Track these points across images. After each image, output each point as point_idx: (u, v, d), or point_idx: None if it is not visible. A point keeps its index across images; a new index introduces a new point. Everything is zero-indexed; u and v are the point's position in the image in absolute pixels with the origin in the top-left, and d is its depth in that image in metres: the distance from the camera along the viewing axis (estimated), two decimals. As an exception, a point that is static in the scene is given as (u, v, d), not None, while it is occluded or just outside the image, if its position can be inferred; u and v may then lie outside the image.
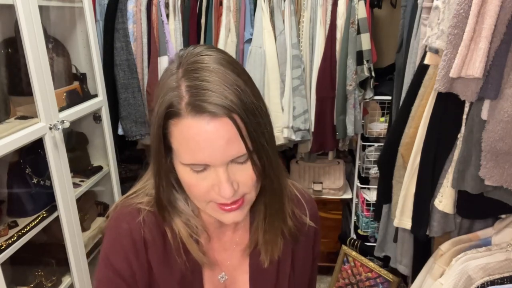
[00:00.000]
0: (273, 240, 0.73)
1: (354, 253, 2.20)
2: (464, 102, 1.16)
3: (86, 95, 1.89)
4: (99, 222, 1.99)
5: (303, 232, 0.77)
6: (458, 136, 1.20)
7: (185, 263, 0.70)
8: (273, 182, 0.67)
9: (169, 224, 0.70)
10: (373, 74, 2.08)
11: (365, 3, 2.01)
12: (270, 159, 0.63)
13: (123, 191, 1.93)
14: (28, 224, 1.47)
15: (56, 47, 1.80)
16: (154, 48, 2.11)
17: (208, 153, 0.58)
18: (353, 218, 2.44)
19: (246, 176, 0.62)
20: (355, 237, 2.34)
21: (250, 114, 0.59)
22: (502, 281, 1.08)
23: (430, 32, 1.23)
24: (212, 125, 0.58)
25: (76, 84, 1.87)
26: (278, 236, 0.73)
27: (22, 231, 1.43)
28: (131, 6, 2.10)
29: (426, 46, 1.29)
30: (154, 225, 0.70)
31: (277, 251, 0.73)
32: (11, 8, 1.34)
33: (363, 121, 2.20)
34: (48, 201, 1.58)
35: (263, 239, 0.72)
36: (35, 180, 1.58)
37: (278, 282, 0.75)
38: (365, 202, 2.28)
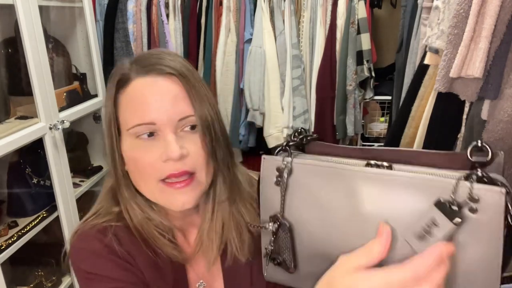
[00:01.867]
0: (239, 234, 0.69)
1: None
2: (464, 102, 1.16)
3: (86, 95, 1.89)
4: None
5: None
6: (458, 136, 1.20)
7: (171, 267, 0.66)
8: (224, 170, 0.65)
9: (139, 228, 0.66)
10: (373, 74, 2.08)
11: (365, 3, 2.01)
12: (219, 139, 0.63)
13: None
14: (28, 224, 1.47)
15: (56, 47, 1.80)
16: (154, 48, 2.11)
17: (155, 109, 0.59)
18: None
19: (195, 146, 0.61)
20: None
21: (198, 84, 0.61)
22: (502, 281, 1.07)
23: (430, 32, 1.23)
24: (160, 80, 0.60)
25: (76, 84, 1.87)
26: (242, 228, 0.69)
27: (22, 231, 1.43)
28: (131, 6, 2.10)
29: (426, 46, 1.29)
30: (128, 237, 0.65)
31: (246, 244, 0.69)
32: (11, 8, 1.34)
33: (363, 121, 2.20)
34: (48, 201, 1.58)
35: (228, 236, 0.69)
36: (35, 180, 1.58)
37: (253, 280, 0.71)
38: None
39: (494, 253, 0.40)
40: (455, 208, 0.40)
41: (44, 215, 1.54)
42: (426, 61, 1.28)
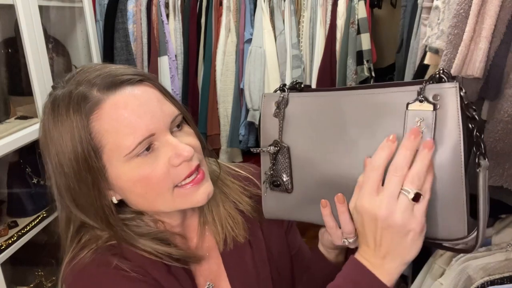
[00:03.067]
0: (232, 219, 0.69)
1: (354, 253, 2.20)
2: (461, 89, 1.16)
3: (86, 95, 1.89)
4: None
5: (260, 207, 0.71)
6: (458, 136, 1.20)
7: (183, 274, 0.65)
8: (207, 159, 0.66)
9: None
10: (373, 74, 2.08)
11: (365, 3, 2.01)
12: (197, 131, 0.63)
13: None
14: (28, 224, 1.47)
15: (56, 47, 1.80)
16: (154, 48, 2.11)
17: (148, 119, 0.55)
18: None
19: (192, 139, 0.60)
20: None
21: (163, 87, 0.61)
22: (502, 281, 1.07)
23: (430, 32, 1.23)
24: (137, 90, 0.56)
25: (76, 84, 1.87)
26: (233, 212, 0.70)
27: (22, 231, 1.43)
28: (131, 6, 2.10)
29: (426, 46, 1.29)
30: (134, 252, 0.62)
31: (241, 228, 0.69)
32: (11, 8, 1.34)
33: (363, 121, 2.20)
34: (48, 201, 1.57)
35: (224, 224, 0.69)
36: (35, 180, 1.58)
37: (258, 276, 0.71)
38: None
39: (457, 139, 0.47)
40: (424, 100, 0.48)
41: (44, 215, 1.54)
42: (426, 61, 1.28)
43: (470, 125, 0.48)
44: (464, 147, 0.47)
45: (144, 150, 0.56)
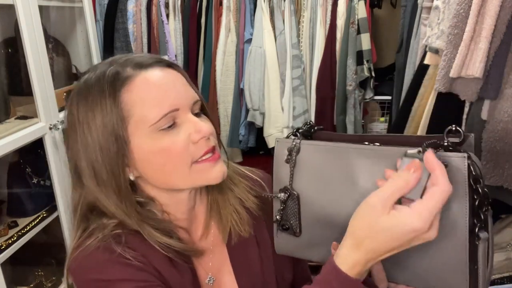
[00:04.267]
0: (238, 214, 0.72)
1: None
2: (464, 102, 1.16)
3: (86, 95, 1.89)
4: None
5: (270, 205, 0.72)
6: (458, 136, 1.20)
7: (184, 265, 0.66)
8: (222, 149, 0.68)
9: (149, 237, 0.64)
10: (373, 74, 2.08)
11: (365, 3, 2.01)
12: (212, 122, 0.66)
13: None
14: (28, 224, 1.47)
15: (56, 47, 1.80)
16: (154, 48, 2.11)
17: (174, 95, 0.60)
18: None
19: (210, 125, 0.64)
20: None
21: (186, 75, 0.66)
22: (502, 281, 1.08)
23: (430, 32, 1.23)
24: (166, 72, 0.62)
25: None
26: (239, 207, 0.72)
27: (22, 231, 1.43)
28: (131, 6, 2.10)
29: (426, 46, 1.29)
30: (137, 241, 0.63)
31: (245, 224, 0.72)
32: (11, 8, 1.34)
33: (363, 121, 2.20)
34: (48, 201, 1.58)
35: (229, 218, 0.71)
36: (35, 180, 1.58)
37: (263, 273, 0.73)
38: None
39: (462, 209, 0.49)
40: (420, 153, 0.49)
41: (44, 215, 1.54)
42: (426, 61, 1.28)
43: (474, 197, 0.49)
44: (469, 217, 0.49)
45: (166, 125, 0.60)
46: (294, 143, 0.61)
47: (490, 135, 1.06)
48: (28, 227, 1.45)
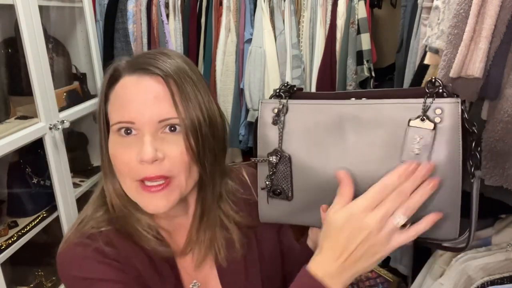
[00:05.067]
0: (228, 236, 0.69)
1: (354, 253, 2.20)
2: (464, 102, 1.16)
3: (86, 95, 1.89)
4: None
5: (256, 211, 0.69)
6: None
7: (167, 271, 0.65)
8: (213, 174, 0.64)
9: (131, 230, 0.65)
10: (373, 74, 2.07)
11: (365, 3, 2.01)
12: (207, 143, 0.61)
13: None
14: (28, 224, 1.47)
15: (56, 47, 1.80)
16: (154, 48, 2.11)
17: (135, 108, 0.58)
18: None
19: (176, 150, 0.59)
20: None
21: (190, 86, 0.60)
22: (502, 281, 1.08)
23: (430, 32, 1.23)
24: (144, 79, 0.60)
25: (76, 84, 1.87)
26: (232, 229, 0.70)
27: (22, 231, 1.43)
28: (131, 6, 2.10)
29: (426, 46, 1.29)
30: (120, 239, 0.64)
31: (236, 242, 0.69)
32: (11, 8, 1.34)
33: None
34: (48, 201, 1.58)
35: (217, 239, 0.69)
36: (35, 180, 1.58)
37: (248, 277, 0.72)
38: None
39: (456, 152, 0.51)
40: (425, 118, 0.51)
41: (44, 215, 1.55)
42: (426, 61, 1.28)
43: (469, 139, 0.52)
44: (463, 159, 0.51)
45: (123, 130, 0.60)
46: (281, 102, 0.59)
47: (490, 135, 1.06)
48: (28, 227, 1.45)
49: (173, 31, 2.14)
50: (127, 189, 0.62)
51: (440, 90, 0.52)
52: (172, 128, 0.59)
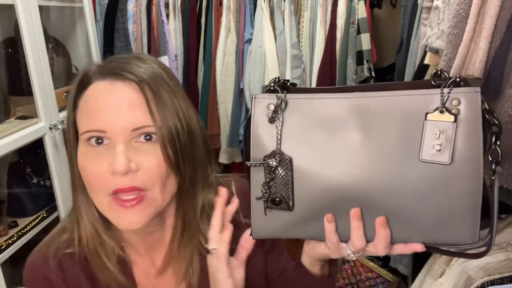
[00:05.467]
0: (187, 258, 0.64)
1: (354, 253, 2.20)
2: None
3: (86, 95, 1.89)
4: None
5: (240, 235, 0.64)
6: (458, 136, 1.20)
7: None
8: (194, 184, 0.60)
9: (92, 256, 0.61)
10: (373, 74, 2.07)
11: (365, 3, 2.01)
12: (186, 152, 0.56)
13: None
14: (28, 224, 1.47)
15: (56, 47, 1.80)
16: (154, 48, 2.11)
17: (106, 116, 0.53)
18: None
19: (151, 160, 0.54)
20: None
21: (165, 93, 0.56)
22: (502, 281, 1.07)
23: (430, 32, 1.23)
24: (117, 86, 0.55)
25: (76, 84, 1.87)
26: (194, 252, 0.64)
27: (22, 231, 1.43)
28: (131, 6, 2.10)
29: (426, 46, 1.29)
30: (76, 265, 0.62)
31: (195, 272, 0.64)
32: (11, 8, 1.34)
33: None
34: (48, 201, 1.58)
35: (194, 256, 0.64)
36: (35, 180, 1.58)
37: None
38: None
39: (477, 147, 0.46)
40: (445, 110, 0.46)
41: (44, 215, 1.54)
42: (426, 61, 1.28)
43: (489, 132, 0.47)
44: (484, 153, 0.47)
45: (93, 139, 0.55)
46: (279, 97, 0.51)
47: (490, 135, 1.06)
48: (28, 227, 1.45)
49: (173, 31, 2.14)
50: (98, 205, 0.58)
51: (457, 79, 0.46)
52: (148, 137, 0.55)
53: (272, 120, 0.51)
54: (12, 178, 1.55)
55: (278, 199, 0.52)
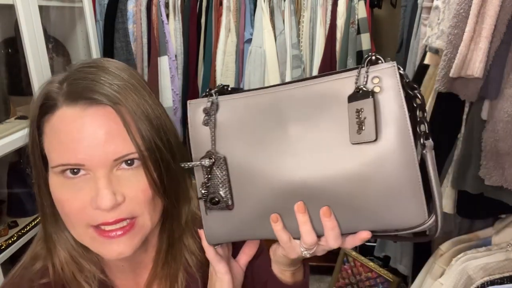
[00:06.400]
0: (172, 276, 0.61)
1: (354, 253, 2.20)
2: (464, 102, 1.16)
3: (86, 95, 1.89)
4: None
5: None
6: (458, 136, 1.20)
7: None
8: (174, 205, 0.56)
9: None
10: (373, 74, 2.08)
11: (365, 3, 2.01)
12: (169, 165, 0.53)
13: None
14: (28, 224, 1.47)
15: (56, 47, 1.80)
16: (154, 48, 2.11)
17: (83, 148, 0.48)
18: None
19: (136, 188, 0.51)
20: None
21: (141, 106, 0.51)
22: (502, 281, 1.08)
23: (430, 32, 1.23)
24: (89, 112, 0.49)
25: (76, 84, 1.87)
26: (179, 269, 0.61)
27: (22, 231, 1.43)
28: (131, 6, 2.10)
29: (426, 46, 1.29)
30: None
31: (199, 283, 0.61)
32: (11, 8, 1.34)
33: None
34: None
35: (180, 274, 0.61)
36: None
37: None
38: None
39: (403, 121, 0.45)
40: (360, 89, 0.45)
41: (44, 215, 1.54)
42: (426, 61, 1.28)
43: (413, 104, 0.46)
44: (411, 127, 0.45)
45: (69, 172, 0.50)
46: (210, 100, 0.52)
47: (490, 135, 1.06)
48: (28, 227, 1.45)
49: (173, 31, 2.14)
50: (78, 236, 0.53)
51: (373, 58, 0.46)
52: (129, 162, 0.51)
53: (205, 122, 0.52)
54: (12, 178, 1.55)
55: (216, 199, 0.52)
